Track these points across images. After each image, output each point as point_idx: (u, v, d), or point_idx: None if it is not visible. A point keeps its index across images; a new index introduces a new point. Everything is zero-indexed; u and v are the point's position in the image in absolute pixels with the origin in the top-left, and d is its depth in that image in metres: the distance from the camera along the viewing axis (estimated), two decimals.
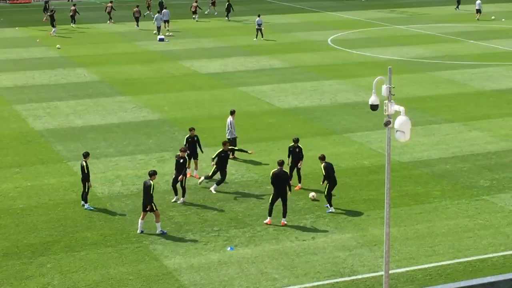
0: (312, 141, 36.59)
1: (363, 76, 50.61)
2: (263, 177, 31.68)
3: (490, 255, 24.73)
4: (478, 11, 77.79)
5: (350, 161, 33.77)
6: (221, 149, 30.28)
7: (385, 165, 19.30)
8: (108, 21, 75.90)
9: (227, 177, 30.62)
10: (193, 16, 78.09)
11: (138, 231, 26.37)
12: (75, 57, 58.46)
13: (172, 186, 29.17)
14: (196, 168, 31.82)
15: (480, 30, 70.61)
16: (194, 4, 78.27)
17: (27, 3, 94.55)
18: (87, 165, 28.26)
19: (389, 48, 61.64)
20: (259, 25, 65.84)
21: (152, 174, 26.65)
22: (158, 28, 67.67)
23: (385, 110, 19.02)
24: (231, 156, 33.14)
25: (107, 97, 45.89)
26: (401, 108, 18.81)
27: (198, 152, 31.61)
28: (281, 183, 26.93)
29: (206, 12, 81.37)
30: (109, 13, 75.97)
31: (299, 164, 30.27)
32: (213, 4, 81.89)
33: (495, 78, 50.39)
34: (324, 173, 28.01)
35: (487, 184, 31.05)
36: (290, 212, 27.83)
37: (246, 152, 32.17)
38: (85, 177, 28.26)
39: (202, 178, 30.51)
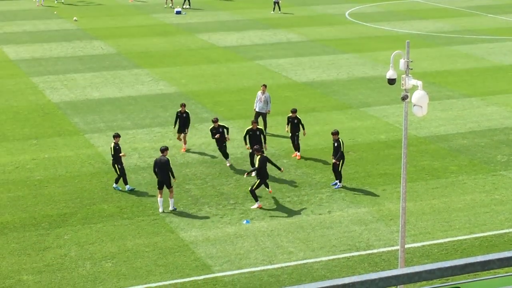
0: (329, 115, 36.52)
1: (381, 50, 50.34)
2: (279, 151, 31.67)
3: (507, 230, 24.68)
4: None
5: (366, 135, 33.69)
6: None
7: (401, 139, 19.26)
8: None
9: (241, 151, 30.59)
10: None
11: (160, 210, 26.08)
12: (92, 29, 58.47)
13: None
14: (185, 143, 31.91)
15: (498, 4, 69.97)
16: None
17: None
18: (115, 147, 27.57)
19: (407, 22, 61.25)
20: None
21: (164, 150, 26.46)
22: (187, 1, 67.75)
23: (403, 84, 18.94)
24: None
25: (124, 69, 45.90)
26: (419, 83, 18.72)
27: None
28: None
29: None
30: None
31: (299, 134, 30.84)
32: None
33: None
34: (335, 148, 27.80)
35: (504, 160, 30.90)
36: (306, 186, 27.85)
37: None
38: (116, 159, 27.56)
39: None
